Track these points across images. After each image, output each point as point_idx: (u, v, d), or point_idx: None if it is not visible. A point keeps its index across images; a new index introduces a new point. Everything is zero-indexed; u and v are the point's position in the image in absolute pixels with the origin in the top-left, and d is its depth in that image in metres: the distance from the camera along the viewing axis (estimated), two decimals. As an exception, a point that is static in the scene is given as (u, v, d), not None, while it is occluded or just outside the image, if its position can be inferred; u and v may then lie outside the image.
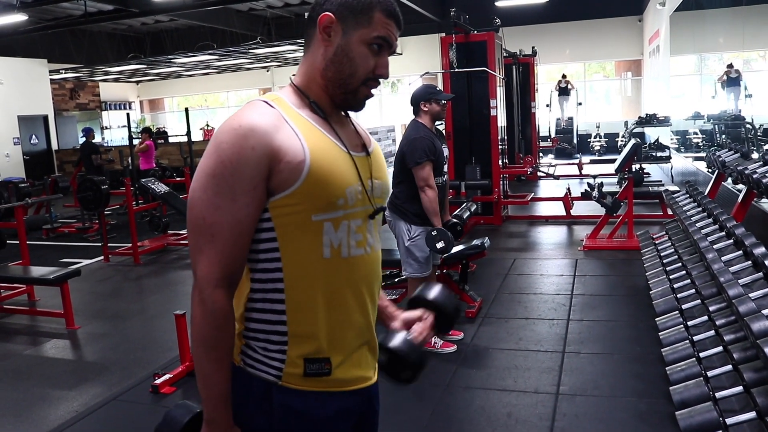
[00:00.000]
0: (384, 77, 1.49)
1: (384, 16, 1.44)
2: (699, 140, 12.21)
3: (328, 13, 1.43)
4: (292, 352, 1.40)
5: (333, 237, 1.41)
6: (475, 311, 5.03)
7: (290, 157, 1.35)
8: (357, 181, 1.44)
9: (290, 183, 1.35)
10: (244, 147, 1.32)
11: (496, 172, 8.72)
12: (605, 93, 20.81)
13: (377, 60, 1.46)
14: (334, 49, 1.44)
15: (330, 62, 1.45)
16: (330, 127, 1.46)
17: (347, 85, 1.46)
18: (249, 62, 20.93)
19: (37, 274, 5.73)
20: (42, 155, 17.93)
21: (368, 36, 1.43)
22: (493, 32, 8.77)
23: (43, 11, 15.62)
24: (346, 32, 1.43)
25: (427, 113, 4.29)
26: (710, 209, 4.79)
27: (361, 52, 1.44)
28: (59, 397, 4.10)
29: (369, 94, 1.50)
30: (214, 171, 1.34)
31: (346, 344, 1.46)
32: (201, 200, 1.35)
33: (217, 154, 1.34)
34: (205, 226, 1.35)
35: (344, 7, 1.43)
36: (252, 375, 1.42)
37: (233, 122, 1.36)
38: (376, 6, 1.43)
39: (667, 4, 12.93)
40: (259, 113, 1.38)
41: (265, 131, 1.34)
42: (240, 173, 1.32)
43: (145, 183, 8.50)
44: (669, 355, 3.53)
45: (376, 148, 1.60)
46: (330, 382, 1.44)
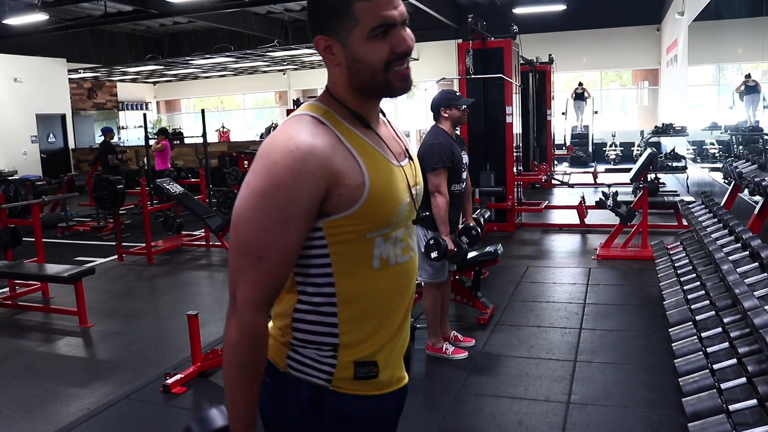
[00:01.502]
0: (407, 52, 1.37)
1: (366, 2, 1.31)
2: (716, 151, 12.11)
3: (318, 36, 1.37)
4: (343, 358, 1.41)
5: (383, 249, 1.41)
6: (487, 318, 5.01)
7: (350, 180, 1.32)
8: (407, 194, 1.45)
9: (350, 205, 1.32)
10: (302, 171, 1.27)
11: (511, 179, 8.69)
12: (621, 102, 20.71)
13: (390, 41, 1.35)
14: (345, 63, 1.37)
15: (350, 76, 1.39)
16: (376, 135, 1.44)
17: (375, 83, 1.38)
18: (266, 65, 21.02)
19: (51, 272, 5.77)
20: (59, 154, 18.08)
21: (364, 33, 1.33)
22: (510, 39, 8.75)
23: (64, 11, 15.77)
24: (344, 43, 1.35)
25: (448, 119, 4.27)
26: (726, 220, 4.75)
27: (368, 50, 1.34)
28: (71, 394, 4.13)
29: (403, 74, 1.39)
30: (267, 192, 1.28)
31: (390, 348, 1.48)
32: (249, 221, 1.30)
33: (270, 176, 1.28)
34: (252, 248, 1.30)
35: (327, 20, 1.35)
36: (300, 380, 1.42)
37: (288, 143, 1.30)
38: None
39: (686, 14, 12.85)
40: (313, 134, 1.33)
41: (324, 155, 1.30)
42: (296, 198, 1.28)
43: (160, 183, 8.56)
44: (682, 366, 3.50)
45: (413, 151, 1.59)
46: (376, 385, 1.46)
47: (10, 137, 16.33)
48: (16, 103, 16.48)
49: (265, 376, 1.46)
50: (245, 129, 22.77)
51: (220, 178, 13.73)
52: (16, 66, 16.54)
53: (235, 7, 14.73)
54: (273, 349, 1.46)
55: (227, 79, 24.37)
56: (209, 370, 4.22)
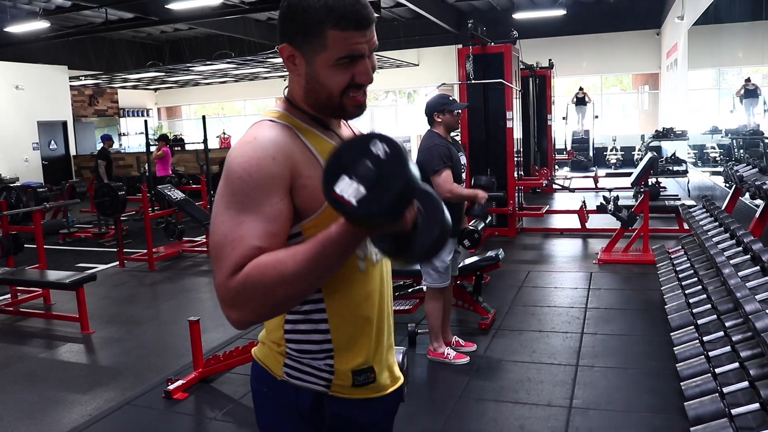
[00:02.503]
0: (365, 84, 1.37)
1: (340, 31, 1.29)
2: (716, 155, 12.13)
3: (285, 44, 1.35)
4: (339, 366, 1.41)
5: (364, 248, 1.41)
6: (488, 323, 5.01)
7: (310, 172, 1.31)
8: None
9: (319, 202, 1.29)
10: (263, 157, 1.27)
11: (512, 184, 8.70)
12: (622, 106, 20.71)
13: (352, 70, 1.34)
14: (305, 77, 1.36)
15: (306, 90, 1.38)
16: (337, 136, 1.44)
17: (329, 105, 1.38)
18: (266, 71, 21.03)
19: (53, 278, 5.78)
20: (60, 160, 18.11)
21: (330, 60, 1.32)
22: (510, 44, 8.77)
23: (65, 19, 15.83)
24: (307, 60, 1.34)
25: (441, 123, 4.28)
26: (727, 224, 4.75)
27: (329, 75, 1.33)
28: (73, 400, 4.13)
29: (358, 102, 1.39)
30: (233, 190, 1.27)
31: (381, 349, 1.49)
32: (223, 222, 1.27)
33: (232, 171, 1.28)
34: (226, 241, 1.26)
35: (297, 33, 1.32)
36: (298, 387, 1.42)
37: (246, 138, 1.32)
38: (327, 23, 1.29)
39: (686, 18, 12.87)
40: (270, 128, 1.34)
41: (283, 143, 1.31)
42: (263, 184, 1.27)
43: (161, 190, 8.56)
44: (684, 370, 3.49)
45: None
46: (374, 388, 1.46)
47: (12, 144, 16.36)
48: (17, 110, 16.52)
49: (263, 385, 1.46)
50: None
51: (221, 184, 13.70)
52: (17, 73, 16.59)
53: (235, 13, 14.79)
54: (269, 358, 1.46)
55: (228, 85, 24.39)
56: (211, 376, 4.22)
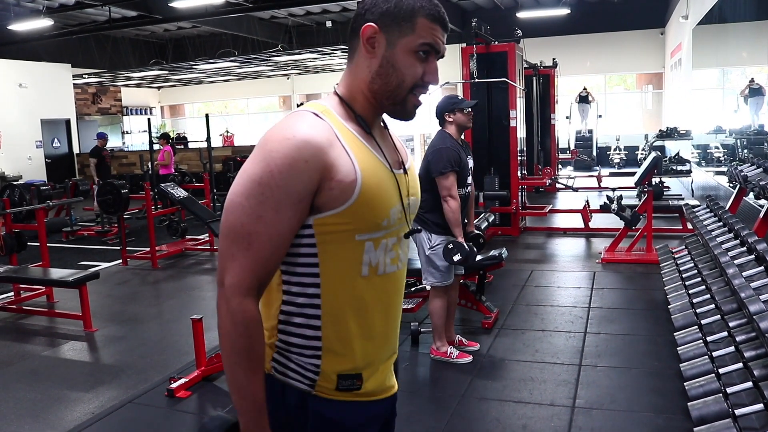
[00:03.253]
0: (433, 84, 1.44)
1: (429, 21, 1.38)
2: (720, 154, 12.09)
3: (370, 23, 1.38)
4: (326, 367, 1.40)
5: (372, 256, 1.40)
6: (491, 322, 5.00)
7: (342, 176, 1.32)
8: (399, 201, 1.44)
9: (340, 202, 1.32)
10: (297, 159, 1.29)
11: (515, 183, 8.69)
12: (626, 106, 20.67)
13: (425, 67, 1.41)
14: (380, 61, 1.39)
15: (376, 74, 1.40)
16: (375, 142, 1.44)
17: (395, 96, 1.42)
18: (269, 70, 21.05)
19: (56, 276, 5.78)
20: (63, 159, 18.13)
21: (414, 44, 1.38)
22: (514, 43, 8.76)
23: (68, 17, 15.85)
24: (390, 42, 1.38)
25: (453, 123, 4.29)
26: (731, 224, 4.74)
27: (407, 61, 1.39)
28: (76, 398, 4.13)
29: (417, 103, 1.45)
30: (261, 179, 1.29)
31: (377, 359, 1.47)
32: (242, 206, 1.30)
33: (266, 162, 1.30)
34: (243, 233, 1.30)
35: (387, 16, 1.38)
36: (285, 384, 1.41)
37: (285, 132, 1.32)
38: (420, 12, 1.37)
39: (690, 18, 12.85)
40: (311, 125, 1.34)
41: (319, 146, 1.31)
42: (289, 186, 1.29)
43: (164, 188, 8.56)
44: (688, 370, 3.49)
45: (412, 164, 1.59)
46: (360, 395, 1.44)
47: (15, 142, 16.39)
48: (21, 108, 16.54)
49: None
50: (249, 133, 22.79)
51: (224, 183, 13.74)
52: (21, 71, 16.61)
53: (239, 12, 14.79)
54: None
55: (231, 83, 24.42)
56: (214, 374, 4.22)
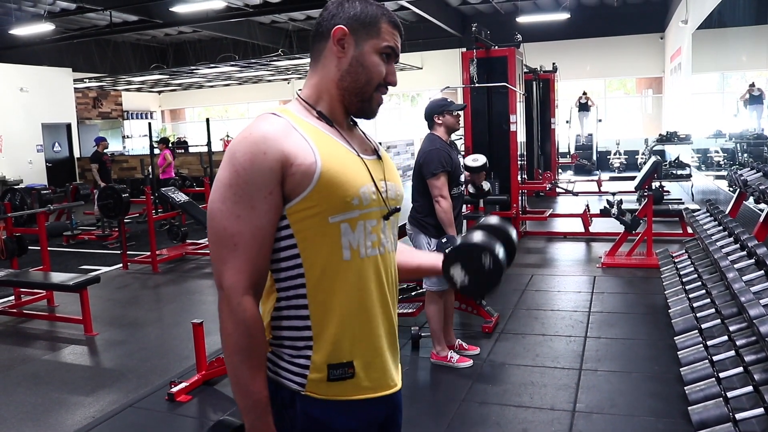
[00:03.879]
0: (393, 84, 1.55)
1: (390, 26, 1.52)
2: (720, 159, 12.11)
3: (340, 26, 1.49)
4: (316, 357, 1.41)
5: (351, 238, 1.42)
6: (491, 326, 5.01)
7: (301, 159, 1.38)
8: (370, 182, 1.47)
9: (304, 186, 1.38)
10: (256, 153, 1.36)
11: (515, 187, 8.68)
12: (626, 110, 20.69)
13: (387, 68, 1.53)
14: (349, 60, 1.50)
15: (346, 72, 1.51)
16: (339, 133, 1.50)
17: (363, 92, 1.52)
18: (270, 74, 21.09)
19: (57, 280, 5.78)
20: (64, 163, 18.13)
21: (379, 45, 1.50)
22: (514, 48, 8.77)
23: (70, 21, 15.89)
24: (358, 43, 1.50)
25: (442, 125, 4.32)
26: (731, 228, 4.74)
27: (373, 61, 1.50)
28: (76, 402, 4.13)
29: (381, 101, 1.57)
30: (230, 181, 1.37)
31: (369, 347, 1.47)
32: (220, 211, 1.38)
33: (231, 164, 1.38)
34: (226, 236, 1.37)
35: (354, 20, 1.49)
36: (278, 383, 1.43)
37: (244, 133, 1.41)
38: (382, 18, 1.51)
39: (690, 22, 12.87)
40: (268, 122, 1.42)
41: (275, 137, 1.38)
42: (255, 180, 1.36)
43: (164, 192, 8.57)
44: (688, 374, 3.49)
45: (385, 154, 1.63)
46: (354, 387, 1.44)
47: (16, 146, 16.39)
48: (22, 112, 16.55)
49: None
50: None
51: (224, 187, 13.73)
52: (22, 75, 16.62)
53: (239, 16, 14.83)
54: None
55: (232, 88, 24.47)
56: (214, 378, 4.22)
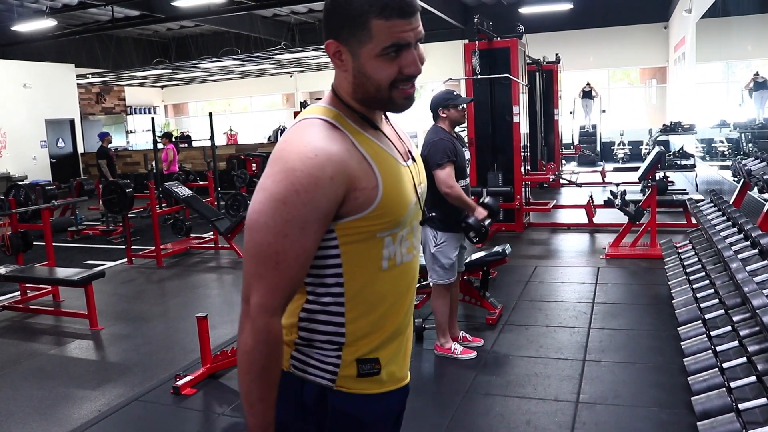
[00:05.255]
0: (414, 75, 1.38)
1: (383, 20, 1.30)
2: (725, 149, 12.07)
3: (330, 41, 1.37)
4: (346, 357, 1.42)
5: (391, 249, 1.43)
6: (495, 318, 5.01)
7: (365, 183, 1.34)
8: (414, 194, 1.47)
9: (364, 208, 1.34)
10: (321, 178, 1.28)
11: (518, 178, 8.68)
12: (629, 100, 20.61)
13: (399, 62, 1.35)
14: (353, 72, 1.38)
15: (355, 86, 1.39)
16: (386, 138, 1.46)
17: (379, 98, 1.40)
18: (273, 68, 21.08)
19: (62, 276, 5.80)
20: (68, 158, 18.17)
21: (375, 50, 1.33)
22: (516, 39, 8.74)
23: (72, 17, 15.88)
24: (354, 54, 1.35)
25: (446, 119, 4.30)
26: (735, 218, 4.73)
27: (376, 67, 1.35)
28: (82, 396, 4.16)
29: (407, 94, 1.40)
30: (286, 198, 1.28)
31: (393, 344, 1.49)
32: (267, 226, 1.29)
33: (289, 182, 1.28)
34: (270, 253, 1.29)
35: (342, 28, 1.34)
36: (304, 380, 1.43)
37: (305, 149, 1.30)
38: (370, 13, 1.30)
39: (694, 11, 12.80)
40: (329, 138, 1.33)
41: (341, 160, 1.31)
42: (316, 203, 1.28)
43: (168, 187, 8.59)
44: (691, 365, 3.49)
45: (418, 155, 1.60)
46: (378, 382, 1.46)
47: (20, 142, 16.43)
48: (25, 108, 16.58)
49: None
50: (253, 131, 22.84)
51: (228, 181, 13.77)
52: (25, 72, 16.64)
53: (241, 10, 14.80)
54: None
55: (234, 82, 24.45)
56: (219, 371, 4.24)
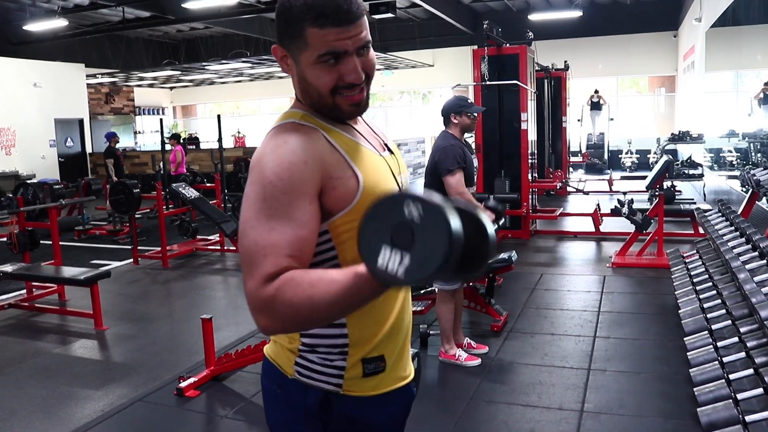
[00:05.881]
0: (354, 83, 1.34)
1: (318, 28, 1.27)
2: (733, 158, 12.02)
3: (276, 45, 1.37)
4: (351, 358, 1.41)
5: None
6: (500, 325, 5.00)
7: (340, 173, 1.32)
8: (395, 184, 1.47)
9: (348, 201, 1.33)
10: (295, 162, 1.27)
11: (525, 186, 8.67)
12: (638, 109, 20.57)
13: (339, 69, 1.32)
14: (297, 78, 1.38)
15: (301, 90, 1.39)
16: (356, 132, 1.45)
17: (324, 105, 1.37)
18: (281, 71, 21.09)
19: (68, 275, 5.81)
20: (76, 158, 18.23)
21: (311, 58, 1.31)
22: (525, 45, 8.74)
23: (83, 17, 15.97)
24: (295, 60, 1.35)
25: (457, 125, 4.29)
26: (743, 228, 4.71)
27: (314, 74, 1.33)
28: (86, 396, 4.16)
29: (353, 101, 1.37)
30: (264, 194, 1.26)
31: (396, 342, 1.49)
32: (253, 228, 1.26)
33: (262, 177, 1.27)
34: (258, 249, 1.24)
35: (283, 34, 1.33)
36: (308, 386, 1.42)
37: (275, 144, 1.31)
38: (305, 20, 1.28)
39: (703, 20, 12.78)
40: (299, 131, 1.33)
41: (313, 146, 1.31)
42: (295, 189, 1.26)
43: (175, 188, 8.60)
44: (697, 375, 3.47)
45: (395, 146, 1.59)
46: (384, 381, 1.46)
47: (30, 141, 16.50)
48: (35, 107, 16.64)
49: (274, 383, 1.47)
50: (260, 134, 22.84)
51: (235, 183, 13.81)
52: (35, 71, 16.70)
53: (251, 13, 14.85)
54: (280, 356, 1.46)
55: (243, 84, 24.50)
56: (223, 374, 4.24)
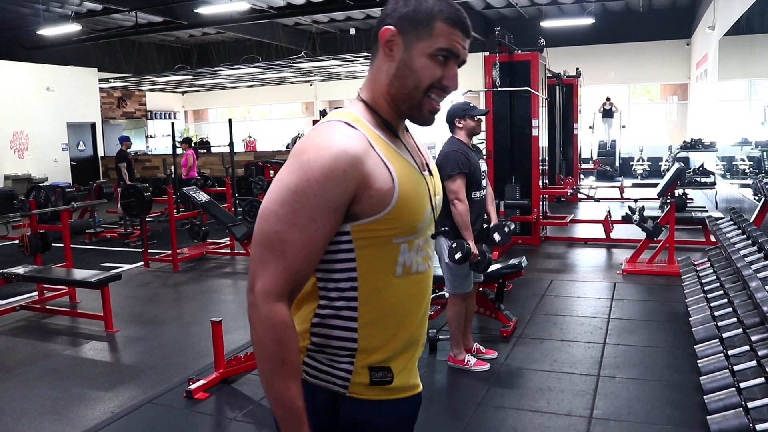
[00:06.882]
0: (451, 89, 1.43)
1: (447, 25, 1.37)
2: (746, 167, 11.95)
3: (388, 26, 1.39)
4: (358, 363, 1.41)
5: (407, 257, 1.43)
6: (510, 331, 4.99)
7: (380, 184, 1.34)
8: (429, 204, 1.47)
9: (379, 209, 1.34)
10: (334, 169, 1.29)
11: (536, 192, 8.65)
12: (650, 116, 20.49)
13: (443, 71, 1.40)
14: (397, 64, 1.40)
15: (394, 77, 1.41)
16: (403, 145, 1.46)
17: (412, 99, 1.42)
18: (293, 76, 21.17)
19: (79, 277, 5.85)
20: (88, 161, 18.35)
21: (431, 48, 1.38)
22: (537, 52, 8.74)
23: (96, 22, 16.09)
24: (407, 45, 1.39)
25: (462, 129, 4.31)
26: (755, 237, 4.69)
27: (423, 64, 1.38)
28: (96, 397, 4.18)
29: (434, 108, 1.45)
30: (297, 187, 1.29)
31: (406, 354, 1.49)
32: (276, 214, 1.31)
33: (302, 171, 1.30)
34: (276, 241, 1.30)
35: (405, 19, 1.38)
36: (316, 386, 1.42)
37: (322, 142, 1.33)
38: (438, 16, 1.37)
39: (717, 28, 12.73)
40: (346, 135, 1.35)
41: (356, 156, 1.32)
42: (326, 195, 1.29)
43: (186, 192, 8.64)
44: (707, 383, 3.45)
45: (435, 167, 1.60)
46: (391, 390, 1.46)
47: (42, 144, 16.62)
48: (48, 111, 16.78)
49: None
50: (271, 139, 22.95)
51: (245, 187, 13.85)
52: (48, 75, 16.84)
53: (263, 18, 14.92)
54: None
55: (254, 89, 24.59)
56: (232, 376, 4.25)
